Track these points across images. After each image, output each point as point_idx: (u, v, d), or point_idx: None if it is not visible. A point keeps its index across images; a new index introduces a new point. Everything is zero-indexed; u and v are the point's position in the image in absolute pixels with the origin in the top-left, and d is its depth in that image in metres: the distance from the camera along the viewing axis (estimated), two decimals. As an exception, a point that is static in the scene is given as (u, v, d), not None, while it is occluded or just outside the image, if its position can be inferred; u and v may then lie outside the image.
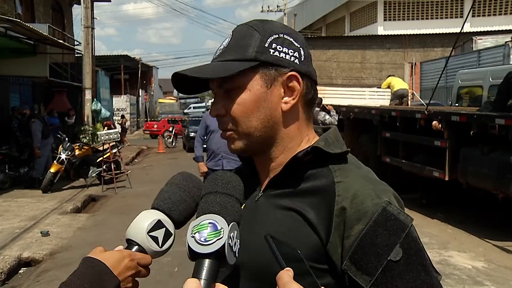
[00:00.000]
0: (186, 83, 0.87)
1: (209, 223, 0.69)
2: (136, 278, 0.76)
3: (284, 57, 0.83)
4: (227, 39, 0.86)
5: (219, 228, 0.68)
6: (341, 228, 0.77)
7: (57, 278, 4.32)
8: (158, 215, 0.78)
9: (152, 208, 0.81)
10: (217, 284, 0.67)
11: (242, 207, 0.88)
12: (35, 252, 5.20)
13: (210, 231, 0.68)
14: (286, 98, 0.84)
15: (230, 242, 0.67)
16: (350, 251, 0.75)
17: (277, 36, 0.84)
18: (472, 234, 5.87)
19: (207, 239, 0.67)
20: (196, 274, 0.66)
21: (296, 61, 0.84)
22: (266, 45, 0.83)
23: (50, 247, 5.39)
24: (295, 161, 0.84)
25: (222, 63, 0.83)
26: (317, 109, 8.70)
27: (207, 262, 0.67)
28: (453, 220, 6.46)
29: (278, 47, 0.83)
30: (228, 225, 0.69)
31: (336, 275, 0.77)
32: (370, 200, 0.77)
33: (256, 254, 0.81)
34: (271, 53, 0.83)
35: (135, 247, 0.77)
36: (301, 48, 0.86)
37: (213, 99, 0.91)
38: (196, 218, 0.71)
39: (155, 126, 24.75)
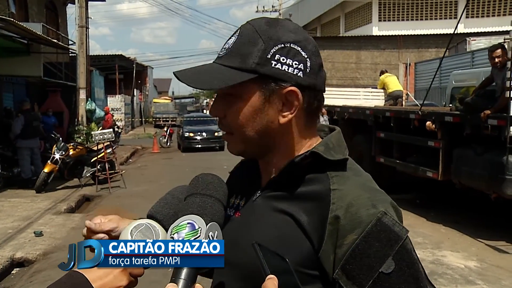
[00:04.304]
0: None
1: (188, 223, 0.70)
2: None
3: (286, 70, 0.79)
4: (233, 38, 0.83)
5: (196, 227, 0.69)
6: (334, 236, 0.76)
7: (50, 279, 4.30)
8: (146, 221, 0.79)
9: (146, 217, 0.82)
10: (196, 285, 0.67)
11: (243, 204, 0.89)
12: (28, 252, 5.17)
13: (188, 231, 0.69)
14: (284, 112, 0.82)
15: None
16: (342, 260, 0.74)
17: (282, 45, 0.79)
18: (465, 234, 5.90)
19: (184, 239, 0.68)
20: (175, 275, 0.66)
21: (300, 73, 0.80)
22: (269, 56, 0.79)
23: (43, 247, 5.36)
24: (292, 165, 0.83)
25: (222, 69, 0.80)
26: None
27: None
28: (447, 220, 6.50)
29: (282, 58, 0.79)
30: (206, 225, 0.69)
31: (327, 282, 0.77)
32: (365, 210, 0.76)
33: (246, 255, 0.80)
34: (273, 65, 0.79)
35: None
36: (308, 59, 0.81)
37: (208, 99, 0.91)
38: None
39: None
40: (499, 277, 4.52)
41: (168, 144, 18.89)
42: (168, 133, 19.22)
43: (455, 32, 7.21)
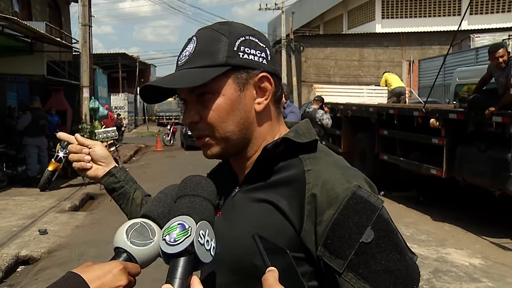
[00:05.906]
0: (152, 91, 0.86)
1: (178, 224, 0.71)
2: None
3: (253, 59, 0.84)
4: (191, 45, 0.85)
5: (187, 227, 0.70)
6: (313, 215, 0.78)
7: (55, 276, 4.31)
8: (141, 220, 0.79)
9: (140, 216, 0.83)
10: (193, 277, 0.68)
11: (222, 203, 0.91)
12: (33, 250, 5.20)
13: (179, 232, 0.70)
14: (258, 99, 0.86)
15: (199, 239, 0.69)
16: (323, 237, 0.76)
17: (243, 38, 0.85)
18: (469, 231, 5.89)
19: (176, 239, 0.69)
20: (170, 275, 0.67)
21: (264, 61, 0.86)
22: (235, 48, 0.83)
23: (48, 245, 5.39)
24: (265, 154, 0.85)
25: (193, 70, 0.82)
26: (315, 106, 8.69)
27: (180, 261, 0.68)
28: (450, 218, 6.48)
29: (246, 49, 0.84)
30: (196, 224, 0.70)
31: (312, 262, 0.78)
32: (340, 185, 0.78)
33: (232, 248, 0.82)
34: (241, 56, 0.84)
35: (123, 256, 0.77)
36: (266, 48, 0.87)
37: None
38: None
39: None
40: (504, 274, 4.51)
41: (171, 142, 18.93)
42: (171, 131, 19.25)
43: (459, 29, 7.18)
